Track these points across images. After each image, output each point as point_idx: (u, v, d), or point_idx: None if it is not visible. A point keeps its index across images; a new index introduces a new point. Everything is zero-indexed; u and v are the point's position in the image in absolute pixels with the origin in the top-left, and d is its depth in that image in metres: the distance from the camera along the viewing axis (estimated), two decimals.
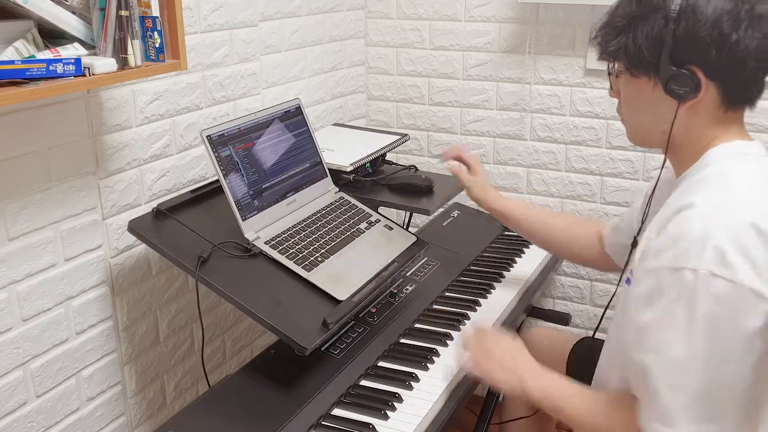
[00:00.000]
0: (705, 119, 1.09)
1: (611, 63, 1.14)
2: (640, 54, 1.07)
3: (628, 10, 1.08)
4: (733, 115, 1.09)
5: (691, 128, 1.10)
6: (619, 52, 1.10)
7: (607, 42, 1.11)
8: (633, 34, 1.07)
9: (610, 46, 1.11)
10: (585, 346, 1.63)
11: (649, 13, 1.05)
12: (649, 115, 1.12)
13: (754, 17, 1.02)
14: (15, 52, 1.08)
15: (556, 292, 2.27)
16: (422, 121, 2.32)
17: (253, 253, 1.42)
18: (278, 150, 1.57)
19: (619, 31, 1.09)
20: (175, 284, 1.67)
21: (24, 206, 1.29)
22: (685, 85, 1.05)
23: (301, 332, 1.27)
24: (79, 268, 1.42)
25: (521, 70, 2.13)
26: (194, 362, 1.76)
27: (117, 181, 1.48)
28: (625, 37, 1.08)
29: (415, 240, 1.63)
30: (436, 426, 1.26)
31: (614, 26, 1.10)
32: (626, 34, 1.08)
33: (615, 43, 1.09)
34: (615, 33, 1.10)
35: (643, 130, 1.16)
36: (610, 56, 1.12)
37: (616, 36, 1.09)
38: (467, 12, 2.16)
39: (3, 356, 1.30)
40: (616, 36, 1.09)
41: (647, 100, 1.10)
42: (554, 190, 2.18)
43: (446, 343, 1.48)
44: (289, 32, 1.94)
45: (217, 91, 1.71)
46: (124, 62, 1.18)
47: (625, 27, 1.08)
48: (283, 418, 1.24)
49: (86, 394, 1.49)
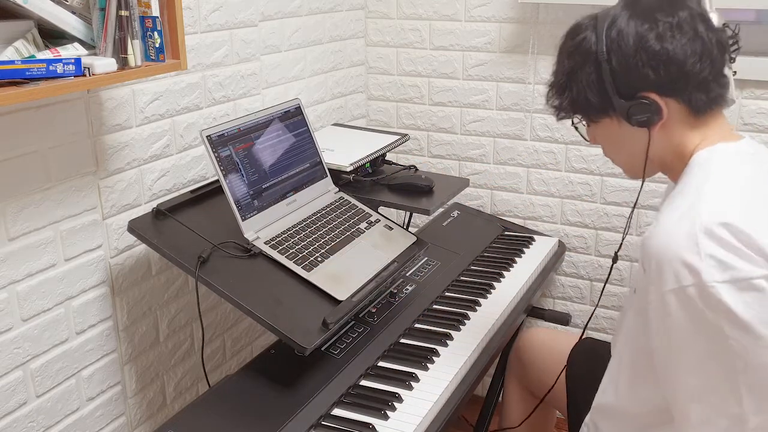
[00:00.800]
0: (680, 132, 1.11)
1: (572, 118, 1.18)
2: (588, 101, 1.11)
3: (564, 66, 1.13)
4: (708, 119, 1.10)
5: (673, 145, 1.12)
6: (570, 107, 1.15)
7: (557, 102, 1.16)
8: (576, 87, 1.11)
9: (562, 105, 1.16)
10: (585, 347, 1.63)
11: (583, 62, 1.10)
12: (628, 149, 1.15)
13: (674, 26, 1.04)
14: (15, 52, 1.09)
15: (556, 292, 2.27)
16: (422, 121, 2.32)
17: (252, 253, 1.42)
18: (278, 150, 1.57)
19: (564, 88, 1.14)
20: (175, 284, 1.67)
21: (24, 206, 1.29)
22: (645, 111, 1.07)
23: (301, 332, 1.27)
24: (79, 268, 1.42)
25: (521, 70, 2.13)
26: (194, 362, 1.76)
27: (117, 181, 1.48)
28: (570, 92, 1.13)
29: (415, 240, 1.63)
30: (436, 426, 1.27)
31: (558, 86, 1.15)
32: (569, 89, 1.13)
33: (564, 100, 1.15)
34: (560, 91, 1.15)
35: (633, 164, 1.18)
36: (566, 112, 1.17)
37: (562, 93, 1.14)
38: (467, 12, 2.16)
39: (3, 356, 1.30)
40: (561, 94, 1.15)
41: (619, 136, 1.14)
42: (554, 190, 2.18)
43: (446, 343, 1.48)
44: (289, 32, 1.94)
45: (217, 91, 1.71)
46: (124, 62, 1.18)
47: (566, 83, 1.13)
48: (283, 418, 1.24)
49: (86, 394, 1.49)
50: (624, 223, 2.10)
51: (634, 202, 1.30)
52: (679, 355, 1.00)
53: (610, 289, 2.18)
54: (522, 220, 2.25)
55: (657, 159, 1.14)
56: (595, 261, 2.18)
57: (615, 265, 2.13)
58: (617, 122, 1.12)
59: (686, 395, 1.01)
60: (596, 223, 2.15)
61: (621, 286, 2.16)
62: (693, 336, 0.97)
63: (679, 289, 0.96)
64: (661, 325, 1.00)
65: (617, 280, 2.16)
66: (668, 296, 0.97)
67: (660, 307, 0.99)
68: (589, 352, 1.62)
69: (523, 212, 2.24)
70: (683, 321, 0.97)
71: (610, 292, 2.18)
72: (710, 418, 0.99)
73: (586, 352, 1.61)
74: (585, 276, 2.21)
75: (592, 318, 2.22)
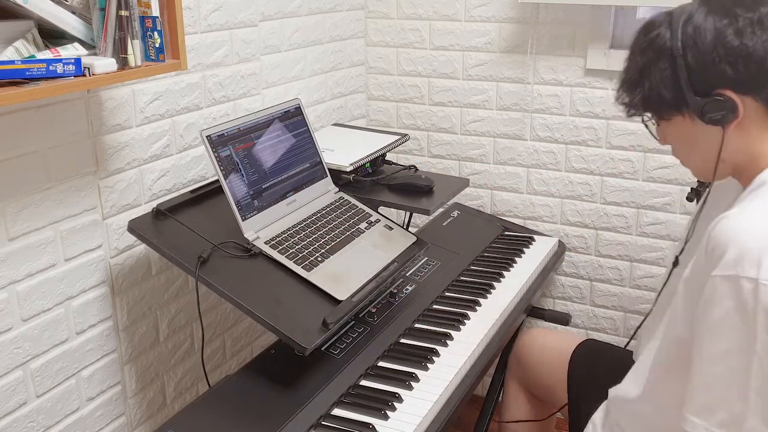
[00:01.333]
0: (756, 132, 1.08)
1: (642, 116, 1.16)
2: (662, 98, 1.08)
3: (637, 62, 1.11)
4: None
5: (748, 146, 1.09)
6: (642, 104, 1.12)
7: (629, 99, 1.14)
8: (648, 83, 1.09)
9: (633, 102, 1.13)
10: (588, 348, 1.63)
11: (656, 58, 1.07)
12: (700, 148, 1.12)
13: (755, 22, 1.02)
14: (15, 52, 1.09)
15: (556, 292, 2.27)
16: (422, 121, 2.32)
17: (253, 253, 1.42)
18: (278, 150, 1.57)
19: (636, 84, 1.11)
20: (175, 284, 1.67)
21: (24, 206, 1.29)
22: (720, 109, 1.05)
23: (301, 332, 1.27)
24: (79, 268, 1.42)
25: (521, 70, 2.13)
26: (194, 362, 1.76)
27: (117, 181, 1.48)
28: (642, 88, 1.10)
29: (415, 240, 1.63)
30: (436, 426, 1.27)
31: (629, 82, 1.13)
32: (642, 85, 1.10)
33: (635, 97, 1.12)
34: (632, 87, 1.12)
35: (704, 165, 1.14)
36: (637, 109, 1.14)
37: (634, 90, 1.12)
38: (467, 12, 2.16)
39: (3, 356, 1.30)
40: (633, 90, 1.12)
41: (692, 135, 1.11)
42: (554, 190, 2.18)
43: (446, 343, 1.48)
44: (289, 32, 1.94)
45: (217, 91, 1.71)
46: (124, 62, 1.18)
47: (638, 79, 1.11)
48: (283, 418, 1.24)
49: (86, 394, 1.49)
50: (624, 223, 2.10)
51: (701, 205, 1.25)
52: (711, 339, 0.99)
53: (610, 289, 2.18)
54: (522, 220, 2.25)
55: (730, 161, 1.11)
56: (595, 261, 2.18)
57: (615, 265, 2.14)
58: (690, 120, 1.09)
59: (701, 379, 1.00)
60: (596, 223, 2.15)
61: (621, 286, 2.16)
62: (729, 326, 0.96)
63: (734, 277, 0.95)
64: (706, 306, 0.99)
65: (617, 280, 2.16)
66: (722, 281, 0.96)
67: (711, 290, 0.98)
68: (590, 353, 1.62)
69: (523, 212, 2.24)
70: (727, 309, 0.96)
71: (610, 291, 2.18)
72: (713, 407, 0.99)
73: (588, 353, 1.61)
74: (585, 276, 2.21)
75: (592, 318, 2.22)
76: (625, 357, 1.44)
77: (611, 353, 1.61)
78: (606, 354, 1.62)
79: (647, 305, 2.14)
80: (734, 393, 0.97)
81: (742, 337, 0.96)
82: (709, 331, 0.99)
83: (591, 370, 1.57)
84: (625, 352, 1.49)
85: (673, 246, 2.06)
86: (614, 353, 1.60)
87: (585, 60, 2.04)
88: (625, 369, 1.25)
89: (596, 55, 2.01)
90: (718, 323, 0.97)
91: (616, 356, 1.55)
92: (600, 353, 1.62)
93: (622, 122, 2.04)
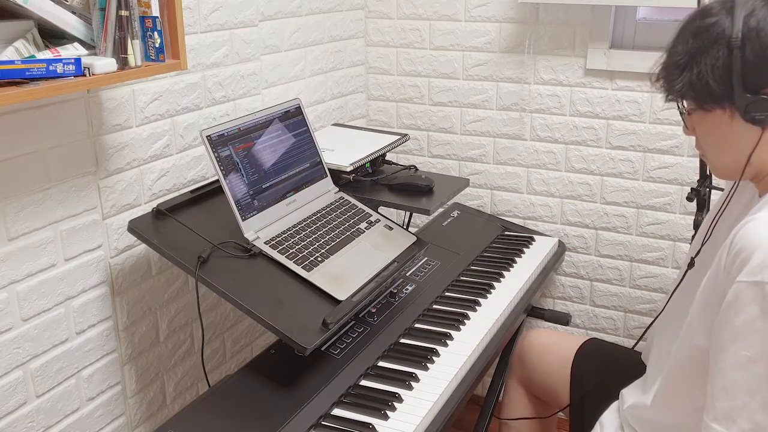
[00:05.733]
0: None
1: (680, 102, 1.11)
2: (708, 87, 1.03)
3: (687, 46, 1.05)
4: None
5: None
6: (685, 90, 1.06)
7: (671, 81, 1.07)
8: (697, 69, 1.03)
9: (675, 85, 1.07)
10: (592, 348, 1.62)
11: (710, 45, 1.02)
12: (732, 146, 1.07)
13: None
14: (15, 52, 1.09)
15: (556, 292, 2.27)
16: (422, 121, 2.32)
17: (252, 253, 1.42)
18: (278, 150, 1.57)
19: (682, 68, 1.05)
20: (175, 284, 1.67)
21: (24, 206, 1.29)
22: (765, 110, 1.00)
23: (301, 332, 1.27)
24: (79, 268, 1.42)
25: (521, 70, 2.13)
26: (194, 362, 1.76)
27: (117, 181, 1.48)
28: (689, 73, 1.04)
29: (415, 240, 1.63)
30: (436, 426, 1.27)
31: (675, 64, 1.06)
32: (689, 70, 1.04)
33: (680, 81, 1.06)
34: (678, 71, 1.06)
35: (731, 164, 1.09)
36: (677, 95, 1.08)
37: (680, 74, 1.06)
38: (467, 12, 2.16)
39: (3, 356, 1.30)
40: (679, 74, 1.06)
41: (727, 131, 1.06)
42: (554, 190, 2.18)
43: (446, 343, 1.48)
44: (289, 32, 1.94)
45: (217, 91, 1.71)
46: (124, 62, 1.18)
47: (687, 63, 1.05)
48: (283, 418, 1.24)
49: (86, 394, 1.49)
50: (624, 223, 2.10)
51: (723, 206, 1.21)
52: (734, 345, 0.97)
53: (610, 289, 2.18)
54: (522, 220, 2.25)
55: (757, 163, 1.06)
56: (595, 261, 2.18)
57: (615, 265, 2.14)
58: (729, 116, 1.04)
59: (723, 385, 0.98)
60: (596, 223, 2.15)
61: (621, 286, 2.16)
62: (753, 333, 0.95)
63: (760, 283, 0.93)
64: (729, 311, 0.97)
65: (617, 280, 2.16)
66: (747, 287, 0.94)
67: (734, 295, 0.96)
68: (596, 353, 1.61)
69: (523, 212, 2.24)
70: (752, 315, 0.94)
71: (610, 291, 2.18)
72: (734, 415, 0.97)
73: (593, 353, 1.61)
74: (585, 276, 2.21)
75: (592, 318, 2.22)
76: (632, 358, 1.43)
77: (618, 354, 1.60)
78: (613, 354, 1.60)
79: (647, 305, 2.14)
80: (757, 401, 0.95)
81: (765, 344, 0.94)
82: (733, 337, 0.96)
83: (597, 371, 1.56)
84: (632, 352, 1.48)
85: (674, 246, 2.06)
86: (621, 354, 1.59)
87: (585, 60, 2.04)
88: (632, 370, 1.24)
89: (596, 55, 2.01)
90: (742, 329, 0.95)
91: (623, 357, 1.54)
92: (606, 354, 1.61)
93: (622, 122, 2.04)
